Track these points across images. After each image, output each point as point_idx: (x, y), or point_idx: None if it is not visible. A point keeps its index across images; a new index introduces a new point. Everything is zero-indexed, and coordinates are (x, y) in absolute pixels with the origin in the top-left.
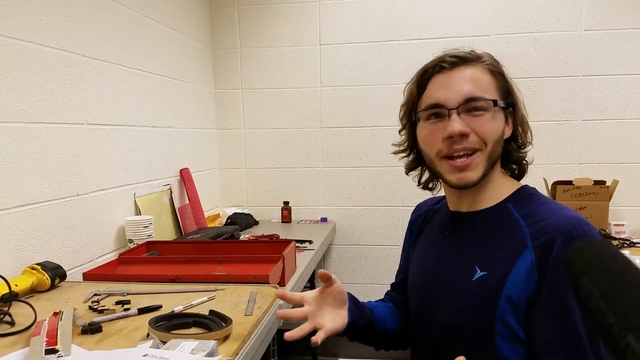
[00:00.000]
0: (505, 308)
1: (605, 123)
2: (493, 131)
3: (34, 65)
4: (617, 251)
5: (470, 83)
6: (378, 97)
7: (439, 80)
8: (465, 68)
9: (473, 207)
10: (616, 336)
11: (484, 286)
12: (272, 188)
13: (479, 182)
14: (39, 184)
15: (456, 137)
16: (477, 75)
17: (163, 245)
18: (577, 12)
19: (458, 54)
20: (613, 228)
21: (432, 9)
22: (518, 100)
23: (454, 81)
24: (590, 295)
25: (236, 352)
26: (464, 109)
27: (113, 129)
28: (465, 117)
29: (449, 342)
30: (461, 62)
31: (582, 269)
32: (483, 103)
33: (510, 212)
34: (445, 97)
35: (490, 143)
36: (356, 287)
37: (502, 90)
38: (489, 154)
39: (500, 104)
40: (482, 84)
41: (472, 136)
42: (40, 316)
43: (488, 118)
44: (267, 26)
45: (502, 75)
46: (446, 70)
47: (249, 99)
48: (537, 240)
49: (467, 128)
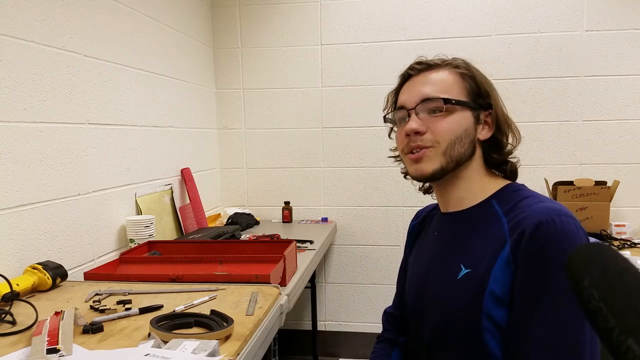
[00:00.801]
0: (490, 304)
1: (606, 123)
2: (449, 130)
3: (36, 65)
4: (618, 253)
5: (430, 85)
6: (379, 97)
7: (406, 86)
8: (429, 72)
9: (459, 207)
10: (617, 339)
11: (469, 283)
12: (273, 188)
13: (437, 175)
14: (40, 183)
15: (412, 135)
16: (440, 77)
17: (164, 245)
18: (578, 12)
19: (425, 61)
20: (614, 229)
21: (433, 9)
22: (495, 102)
23: (416, 85)
24: (591, 299)
25: (237, 352)
26: (421, 108)
27: (114, 128)
28: (425, 117)
29: (440, 340)
30: (427, 68)
31: (582, 272)
32: (437, 102)
33: (494, 209)
34: (406, 100)
35: (445, 142)
36: (356, 288)
37: (470, 92)
38: (444, 150)
39: (460, 103)
40: (443, 86)
41: (427, 134)
42: (42, 316)
43: (445, 118)
44: (268, 26)
45: (472, 77)
46: (413, 76)
47: (250, 99)
48: (514, 233)
49: (422, 127)
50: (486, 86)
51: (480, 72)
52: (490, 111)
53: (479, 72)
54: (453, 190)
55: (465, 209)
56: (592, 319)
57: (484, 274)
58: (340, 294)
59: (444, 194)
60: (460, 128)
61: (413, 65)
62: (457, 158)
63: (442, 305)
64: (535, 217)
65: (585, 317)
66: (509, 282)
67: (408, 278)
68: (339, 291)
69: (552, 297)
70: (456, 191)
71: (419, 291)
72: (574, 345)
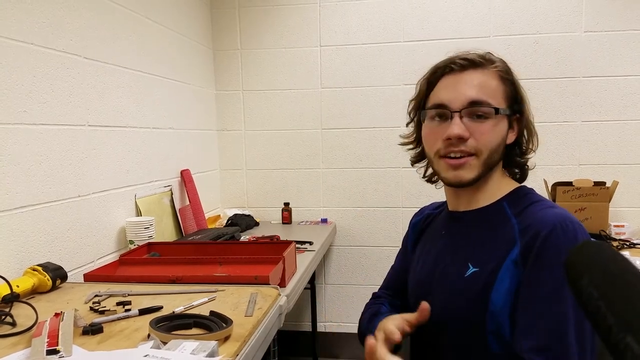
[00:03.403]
0: (495, 303)
1: (605, 124)
2: (492, 139)
3: (36, 67)
4: (617, 253)
5: (477, 87)
6: (379, 98)
7: (447, 82)
8: (474, 72)
9: (470, 206)
10: (615, 337)
11: (476, 282)
12: (272, 189)
13: (473, 182)
14: (40, 185)
15: (454, 140)
16: (485, 80)
17: (164, 246)
18: (577, 13)
19: (469, 57)
20: (613, 229)
21: (432, 10)
22: (526, 107)
23: (461, 84)
24: (590, 297)
25: (237, 352)
26: (467, 112)
27: (114, 130)
28: (468, 121)
29: (444, 337)
30: (471, 65)
31: (581, 270)
32: (486, 109)
33: (504, 210)
34: (450, 99)
35: (487, 151)
36: (356, 288)
37: (509, 97)
38: (485, 160)
39: (504, 111)
40: (489, 90)
41: (470, 141)
42: (42, 317)
43: (489, 125)
44: (267, 28)
45: (512, 82)
46: (455, 72)
47: (249, 101)
48: (524, 235)
49: (466, 132)
50: (523, 91)
51: (516, 75)
52: (519, 116)
53: (516, 76)
54: (471, 191)
55: (476, 209)
56: (591, 317)
57: (491, 273)
58: (340, 295)
59: (461, 193)
60: (500, 137)
61: (456, 59)
62: (492, 165)
63: (448, 303)
64: (549, 221)
65: (585, 315)
66: (516, 282)
67: (411, 276)
68: (338, 292)
69: (555, 292)
70: (473, 191)
71: (424, 288)
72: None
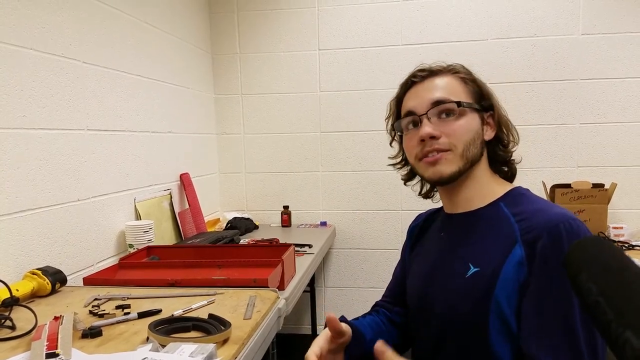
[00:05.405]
0: (498, 303)
1: (603, 126)
2: (463, 133)
3: (35, 72)
4: (616, 248)
5: (438, 89)
6: (377, 101)
7: (411, 93)
8: (435, 78)
9: (467, 208)
10: (615, 332)
11: (478, 282)
12: (271, 192)
13: (456, 177)
14: (40, 189)
15: (427, 140)
16: (446, 82)
17: (163, 249)
18: (574, 16)
19: (427, 67)
20: (612, 231)
21: (430, 14)
22: (496, 102)
23: (423, 90)
24: (589, 292)
25: (235, 355)
26: (433, 113)
27: (113, 134)
28: (437, 121)
29: (446, 338)
30: (431, 75)
31: (581, 265)
32: (449, 105)
33: (502, 211)
34: (415, 105)
35: (461, 144)
36: (356, 291)
37: (474, 95)
38: (461, 153)
39: (468, 105)
40: (450, 89)
41: (442, 138)
42: (41, 320)
43: (458, 121)
44: (266, 32)
45: (474, 81)
46: (418, 83)
47: (248, 104)
48: (527, 236)
49: (436, 131)
50: (487, 88)
51: (477, 75)
52: (492, 112)
53: (478, 76)
54: (462, 191)
55: (473, 210)
56: (591, 312)
57: (493, 273)
58: (339, 298)
59: (453, 195)
60: (472, 130)
61: (416, 72)
62: (472, 159)
63: (450, 304)
64: (552, 221)
65: (584, 310)
66: (522, 282)
67: (410, 281)
68: (338, 295)
69: (565, 293)
70: (465, 192)
71: (424, 291)
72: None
